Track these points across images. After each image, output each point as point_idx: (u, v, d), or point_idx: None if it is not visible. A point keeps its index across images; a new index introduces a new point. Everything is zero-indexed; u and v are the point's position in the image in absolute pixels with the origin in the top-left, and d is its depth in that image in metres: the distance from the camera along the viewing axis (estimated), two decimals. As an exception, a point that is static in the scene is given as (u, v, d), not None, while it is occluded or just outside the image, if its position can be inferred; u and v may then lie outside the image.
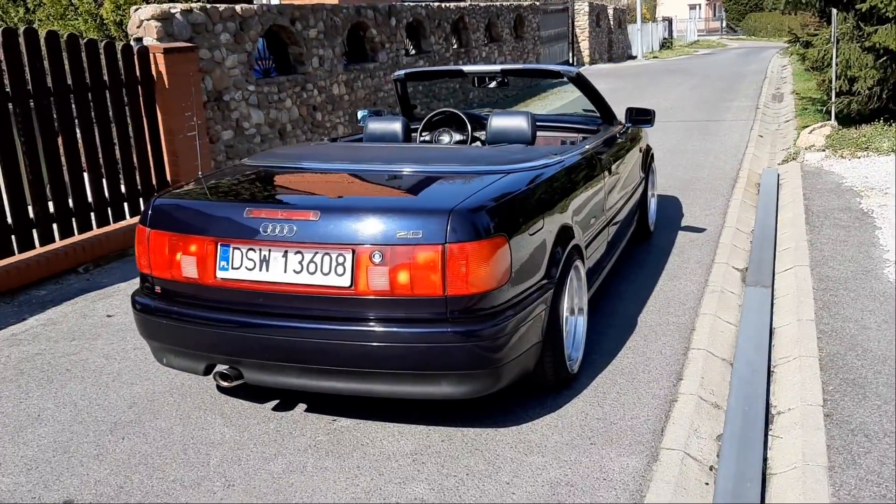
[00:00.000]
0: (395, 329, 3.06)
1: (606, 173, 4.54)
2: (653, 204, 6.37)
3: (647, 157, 5.93)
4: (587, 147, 4.41)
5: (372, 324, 3.08)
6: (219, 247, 3.23)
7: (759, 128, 11.61)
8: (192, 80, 6.87)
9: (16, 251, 5.49)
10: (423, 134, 5.72)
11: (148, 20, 7.02)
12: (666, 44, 37.98)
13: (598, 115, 5.49)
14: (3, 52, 5.32)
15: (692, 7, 63.66)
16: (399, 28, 11.60)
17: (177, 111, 6.72)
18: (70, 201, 5.91)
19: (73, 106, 5.87)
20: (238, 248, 3.20)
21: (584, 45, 24.61)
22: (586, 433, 3.35)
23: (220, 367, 3.31)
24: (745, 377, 3.86)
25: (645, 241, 6.06)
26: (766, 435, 3.42)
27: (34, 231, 5.63)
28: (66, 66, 5.76)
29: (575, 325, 3.95)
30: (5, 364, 4.28)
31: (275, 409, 3.66)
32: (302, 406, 3.67)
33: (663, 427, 3.40)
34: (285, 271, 3.14)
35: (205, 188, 3.55)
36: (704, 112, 13.51)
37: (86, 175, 6.01)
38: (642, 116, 5.39)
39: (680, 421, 3.45)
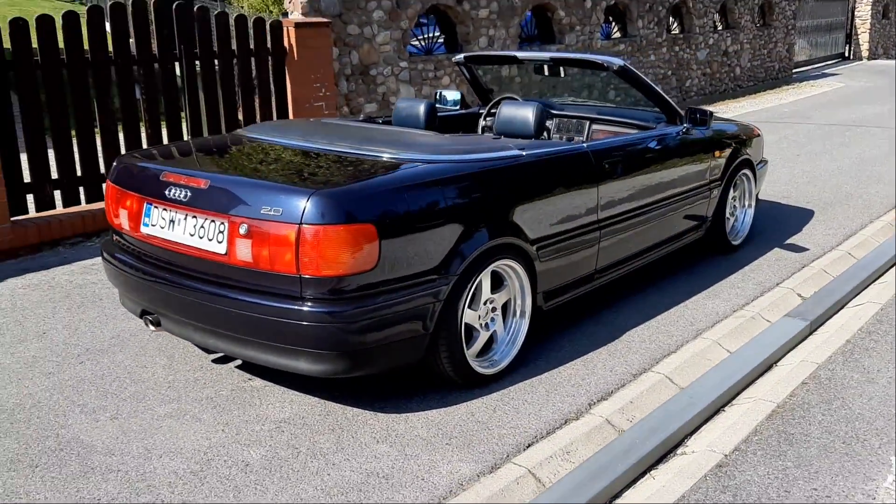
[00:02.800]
0: (257, 301, 3.22)
1: (608, 176, 4.27)
2: (746, 215, 5.82)
3: (733, 165, 5.42)
4: (562, 148, 4.16)
5: (241, 293, 3.26)
6: (145, 204, 3.57)
7: None
8: (324, 54, 7.33)
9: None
10: (487, 119, 5.72)
11: (298, -6, 7.60)
12: None
13: (660, 112, 5.14)
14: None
15: None
16: (595, 10, 11.32)
17: (305, 81, 7.22)
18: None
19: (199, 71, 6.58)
20: (156, 207, 3.52)
21: (864, 38, 22.13)
22: (452, 433, 3.30)
23: (147, 315, 3.67)
24: (673, 412, 3.53)
25: (724, 254, 5.57)
26: (644, 474, 3.16)
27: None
28: (196, 36, 6.45)
29: (513, 326, 3.85)
30: (59, 287, 4.99)
31: (215, 360, 3.98)
32: (237, 362, 3.95)
33: (532, 443, 3.25)
34: (184, 233, 3.41)
35: (155, 151, 3.91)
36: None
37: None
38: (699, 117, 4.97)
39: (557, 440, 3.27)
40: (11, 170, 5.63)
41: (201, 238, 3.35)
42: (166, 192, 3.45)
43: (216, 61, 6.60)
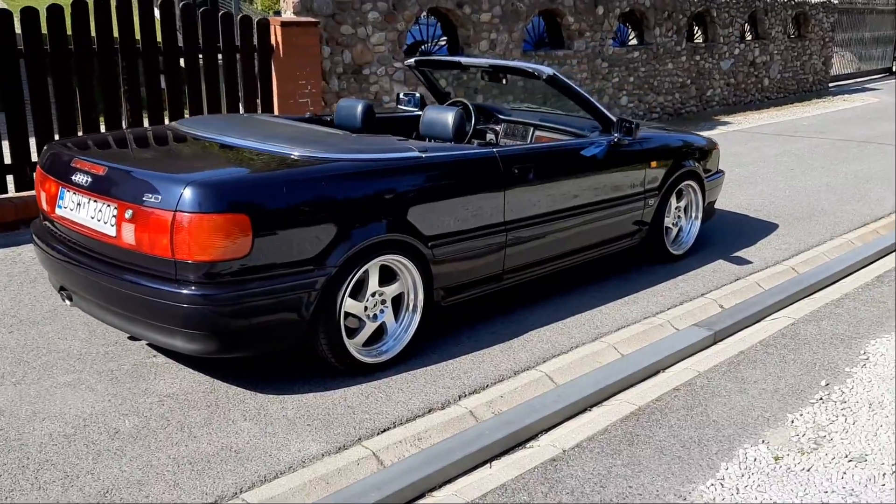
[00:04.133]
0: (140, 281, 3.47)
1: (517, 181, 4.41)
2: (693, 227, 5.89)
3: (674, 176, 5.48)
4: (468, 152, 4.32)
5: (127, 273, 3.52)
6: (60, 188, 3.86)
7: None
8: (311, 52, 7.60)
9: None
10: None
11: (291, -6, 7.89)
12: None
13: (594, 121, 5.25)
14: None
15: None
16: (608, 17, 11.37)
17: (291, 78, 7.50)
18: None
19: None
20: (68, 192, 3.81)
21: (915, 52, 21.61)
22: (317, 415, 3.52)
23: (63, 290, 3.97)
24: (536, 407, 3.68)
25: (663, 263, 5.66)
26: (485, 463, 3.32)
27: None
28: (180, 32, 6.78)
29: (404, 319, 4.04)
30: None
31: (130, 337, 4.25)
32: (149, 339, 4.22)
33: (388, 428, 3.44)
34: (87, 216, 3.68)
35: (87, 138, 4.20)
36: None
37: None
38: (626, 126, 5.07)
39: (413, 427, 3.46)
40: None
41: (98, 221, 3.62)
42: (73, 178, 3.74)
43: (200, 56, 6.92)
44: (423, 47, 9.73)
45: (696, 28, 13.72)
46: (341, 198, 3.70)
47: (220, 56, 7.07)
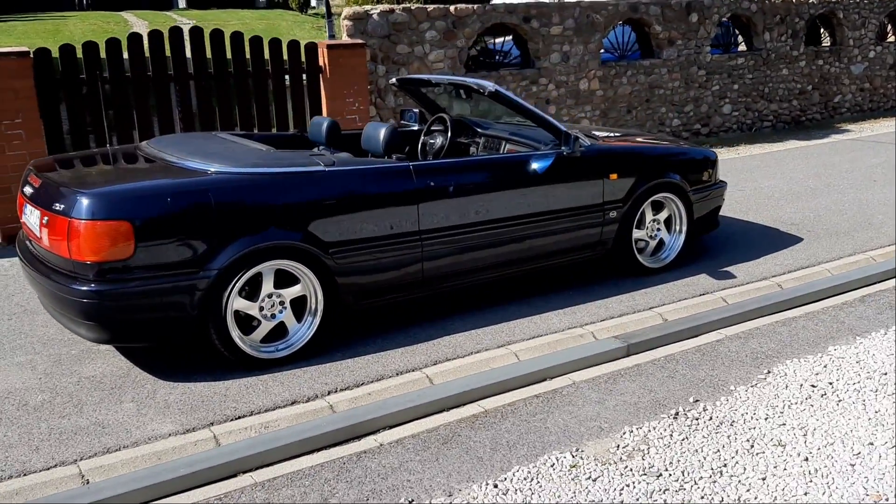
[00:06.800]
0: (53, 278, 4.08)
1: (434, 193, 4.63)
2: (676, 240, 5.78)
3: (643, 189, 5.43)
4: (379, 166, 4.59)
5: (49, 271, 4.15)
6: (24, 199, 4.58)
7: None
8: (359, 72, 8.10)
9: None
10: (425, 136, 6.17)
11: (344, 19, 8.43)
12: None
13: (550, 134, 5.32)
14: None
15: None
16: (704, 24, 11.03)
17: (338, 96, 8.04)
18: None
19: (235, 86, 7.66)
20: (25, 201, 4.51)
21: None
22: (192, 401, 3.97)
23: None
24: (390, 404, 3.91)
25: (635, 276, 5.62)
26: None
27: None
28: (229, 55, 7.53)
29: (307, 320, 4.40)
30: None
31: (97, 327, 4.89)
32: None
33: (244, 416, 3.82)
34: (31, 222, 4.35)
35: (47, 158, 4.89)
36: None
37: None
38: (571, 138, 5.11)
39: (266, 416, 3.83)
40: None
41: (35, 226, 4.28)
42: (26, 190, 4.43)
43: (249, 80, 7.63)
44: (496, 58, 10.01)
45: (823, 31, 12.95)
46: (228, 208, 4.12)
47: (269, 78, 7.74)
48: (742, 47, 12.07)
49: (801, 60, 12.33)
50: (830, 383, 4.03)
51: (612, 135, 6.23)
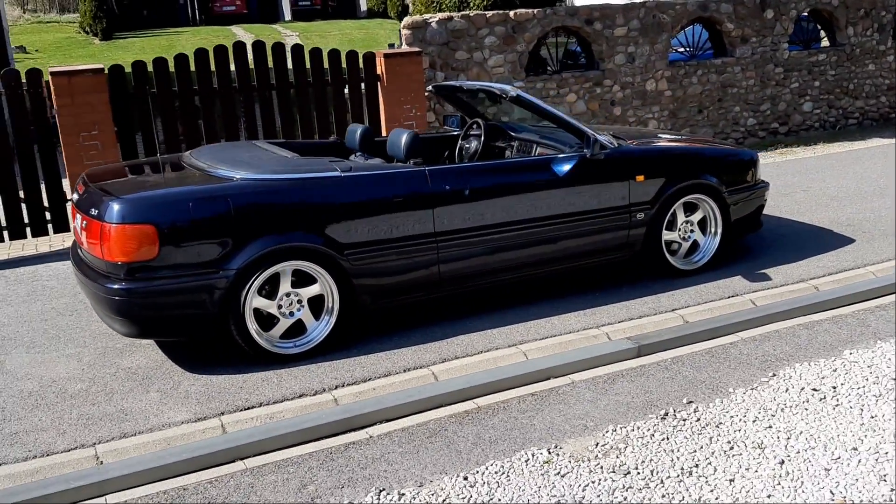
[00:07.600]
0: (93, 278, 4.46)
1: (450, 196, 4.78)
2: (711, 242, 5.72)
3: (672, 190, 5.41)
4: (395, 171, 4.77)
5: (90, 271, 4.53)
6: (74, 206, 5.00)
7: None
8: (415, 79, 8.32)
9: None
10: (462, 140, 6.33)
11: (403, 28, 8.66)
12: None
13: (574, 137, 5.38)
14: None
15: None
16: (781, 20, 10.71)
17: (396, 103, 8.28)
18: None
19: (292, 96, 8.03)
20: (74, 208, 4.92)
21: None
22: (211, 392, 4.26)
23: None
24: (386, 399, 4.09)
25: (670, 277, 5.60)
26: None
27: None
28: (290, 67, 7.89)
29: (325, 318, 4.63)
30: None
31: (144, 323, 5.27)
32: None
33: (252, 407, 4.07)
34: (78, 227, 4.76)
35: (94, 168, 5.30)
36: None
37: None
38: (592, 141, 5.16)
39: (273, 407, 4.07)
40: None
41: (80, 230, 4.67)
42: (74, 197, 4.84)
43: (310, 89, 7.98)
44: (580, 60, 10.08)
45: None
46: (245, 211, 4.40)
47: (327, 88, 8.07)
48: (825, 43, 11.66)
49: (890, 55, 11.80)
50: (834, 387, 3.95)
51: (668, 136, 6.24)
